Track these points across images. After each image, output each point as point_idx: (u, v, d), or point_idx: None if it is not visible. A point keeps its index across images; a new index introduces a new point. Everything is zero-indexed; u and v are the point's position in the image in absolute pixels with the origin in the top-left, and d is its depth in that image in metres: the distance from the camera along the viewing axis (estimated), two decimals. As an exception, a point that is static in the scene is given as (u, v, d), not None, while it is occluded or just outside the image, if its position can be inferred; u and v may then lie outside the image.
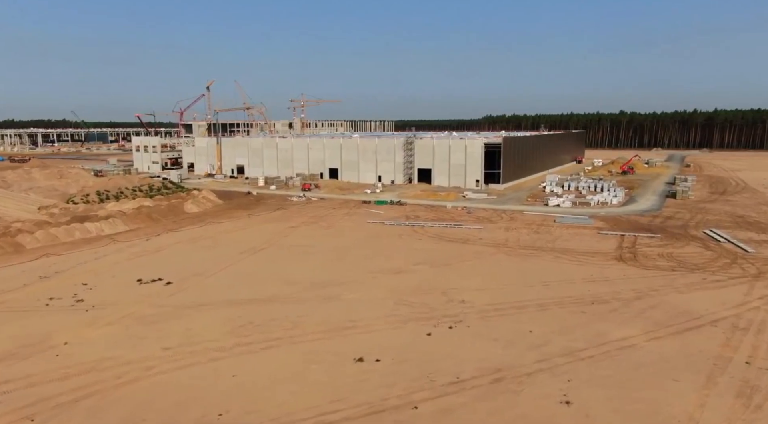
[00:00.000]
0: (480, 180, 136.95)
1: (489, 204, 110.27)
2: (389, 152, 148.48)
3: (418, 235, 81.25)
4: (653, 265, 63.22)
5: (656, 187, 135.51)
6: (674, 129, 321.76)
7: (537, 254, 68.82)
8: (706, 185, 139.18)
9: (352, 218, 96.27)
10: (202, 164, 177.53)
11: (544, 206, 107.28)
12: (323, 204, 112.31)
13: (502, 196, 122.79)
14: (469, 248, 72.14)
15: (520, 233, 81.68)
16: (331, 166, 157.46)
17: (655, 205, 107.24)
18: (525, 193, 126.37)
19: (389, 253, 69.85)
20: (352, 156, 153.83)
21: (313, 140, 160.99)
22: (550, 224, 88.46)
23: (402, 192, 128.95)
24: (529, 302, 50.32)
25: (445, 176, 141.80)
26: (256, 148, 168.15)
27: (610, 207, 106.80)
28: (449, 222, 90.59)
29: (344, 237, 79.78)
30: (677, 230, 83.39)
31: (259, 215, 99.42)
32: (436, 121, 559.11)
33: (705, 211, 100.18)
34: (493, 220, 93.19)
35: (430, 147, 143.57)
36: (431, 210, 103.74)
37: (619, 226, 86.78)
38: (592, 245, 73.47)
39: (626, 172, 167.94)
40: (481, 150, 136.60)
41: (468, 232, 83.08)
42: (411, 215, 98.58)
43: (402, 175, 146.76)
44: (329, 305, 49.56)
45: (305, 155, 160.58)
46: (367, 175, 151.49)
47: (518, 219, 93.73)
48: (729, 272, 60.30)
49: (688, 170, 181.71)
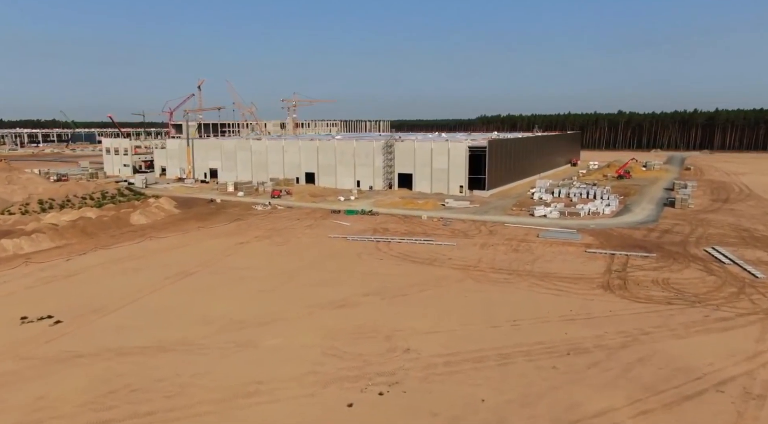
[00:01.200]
0: (464, 186, 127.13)
1: (469, 214, 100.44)
2: (368, 156, 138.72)
3: (381, 253, 71.44)
4: (646, 295, 53.40)
5: (653, 194, 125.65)
6: (674, 129, 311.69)
7: (511, 280, 58.99)
8: (707, 191, 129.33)
9: (314, 230, 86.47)
10: (173, 168, 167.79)
11: (530, 217, 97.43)
12: (288, 214, 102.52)
13: (486, 204, 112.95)
14: (434, 272, 62.33)
15: (497, 252, 71.86)
16: (308, 170, 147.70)
17: (651, 216, 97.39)
18: (511, 201, 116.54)
19: (340, 278, 60.05)
20: (329, 160, 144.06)
21: (288, 142, 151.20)
22: (532, 240, 78.66)
23: (378, 199, 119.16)
24: (491, 351, 40.51)
25: (426, 182, 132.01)
26: (229, 150, 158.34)
27: (601, 218, 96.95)
28: (420, 237, 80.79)
29: (295, 256, 69.98)
30: (675, 247, 73.57)
31: (211, 227, 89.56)
32: (434, 121, 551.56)
33: (706, 223, 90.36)
34: (470, 234, 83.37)
35: (411, 150, 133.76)
36: (404, 221, 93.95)
37: (609, 242, 76.95)
38: (577, 268, 63.66)
39: (622, 176, 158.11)
40: (464, 154, 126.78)
41: (438, 249, 73.28)
42: (380, 227, 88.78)
43: (382, 180, 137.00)
44: (238, 356, 39.75)
45: (280, 159, 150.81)
46: (345, 180, 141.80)
47: (498, 233, 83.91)
48: (736, 305, 50.49)
49: (688, 174, 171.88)
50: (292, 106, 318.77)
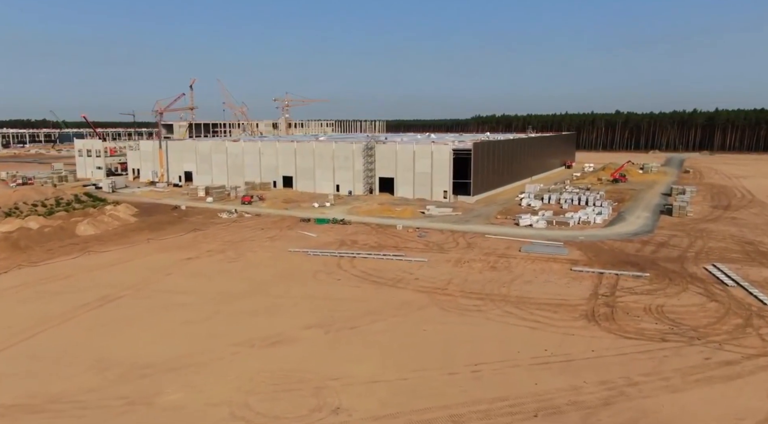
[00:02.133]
0: (448, 191, 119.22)
1: (449, 223, 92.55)
2: (348, 159, 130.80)
3: (341, 272, 63.56)
4: (636, 329, 45.55)
5: (650, 200, 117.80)
6: (673, 130, 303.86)
7: (482, 307, 51.12)
8: (707, 197, 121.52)
9: (275, 243, 78.56)
10: (147, 171, 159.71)
11: (514, 227, 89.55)
12: (254, 222, 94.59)
13: (470, 211, 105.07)
14: (396, 296, 54.47)
15: (471, 270, 63.98)
16: (285, 173, 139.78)
17: (646, 226, 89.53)
18: (497, 208, 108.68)
19: (285, 304, 52.18)
20: (307, 163, 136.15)
21: (265, 144, 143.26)
22: (513, 254, 70.78)
23: (355, 206, 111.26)
24: (440, 411, 32.68)
25: (409, 186, 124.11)
26: (204, 152, 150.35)
27: (592, 228, 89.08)
28: (390, 251, 72.88)
29: (243, 276, 62.08)
30: (671, 264, 65.71)
31: (163, 239, 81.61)
32: (432, 121, 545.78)
33: (707, 234, 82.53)
34: (446, 247, 75.50)
35: (393, 153, 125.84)
36: (377, 232, 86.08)
37: (598, 257, 69.08)
38: (559, 290, 55.81)
39: (617, 180, 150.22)
40: (448, 157, 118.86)
41: (407, 266, 65.40)
42: (349, 239, 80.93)
43: (362, 184, 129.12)
44: (121, 420, 31.85)
45: (257, 161, 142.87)
46: (324, 185, 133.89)
47: (477, 246, 76.03)
48: (742, 343, 42.66)
49: (687, 177, 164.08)
50: (285, 106, 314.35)
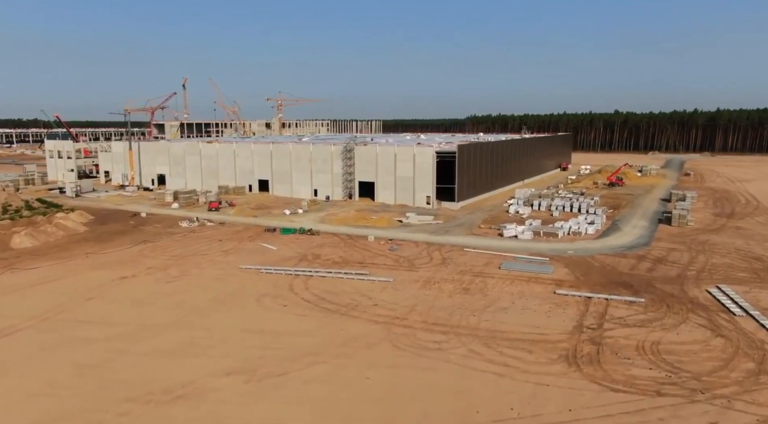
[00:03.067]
0: (431, 197, 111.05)
1: (427, 234, 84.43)
2: (326, 161, 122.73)
3: (292, 295, 55.46)
4: (625, 376, 37.42)
5: (648, 207, 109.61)
6: (673, 130, 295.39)
7: (444, 345, 43.02)
8: (709, 203, 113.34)
9: (229, 258, 70.44)
10: (119, 173, 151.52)
11: (498, 238, 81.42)
12: (214, 233, 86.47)
13: (452, 219, 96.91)
14: (346, 328, 46.38)
15: (441, 293, 55.88)
16: (261, 177, 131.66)
17: (642, 238, 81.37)
18: (482, 216, 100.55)
19: (210, 341, 44.07)
20: (283, 166, 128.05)
21: (240, 146, 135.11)
22: (492, 273, 62.67)
23: (330, 213, 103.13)
24: None
25: (390, 192, 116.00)
26: (177, 154, 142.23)
27: (583, 239, 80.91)
28: (353, 269, 64.79)
29: (175, 300, 53.94)
30: (670, 285, 57.59)
31: (104, 253, 73.43)
32: (430, 120, 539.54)
33: (709, 247, 74.39)
34: (418, 263, 67.37)
35: (373, 156, 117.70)
36: (346, 244, 77.99)
37: (587, 277, 60.95)
38: (539, 321, 47.72)
39: (614, 183, 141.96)
40: (432, 160, 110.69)
41: (368, 288, 57.31)
42: (312, 252, 72.84)
43: (341, 189, 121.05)
44: None
45: (231, 164, 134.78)
46: (301, 189, 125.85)
47: (453, 261, 67.89)
48: (756, 398, 34.55)
49: (688, 181, 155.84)
50: (279, 105, 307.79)
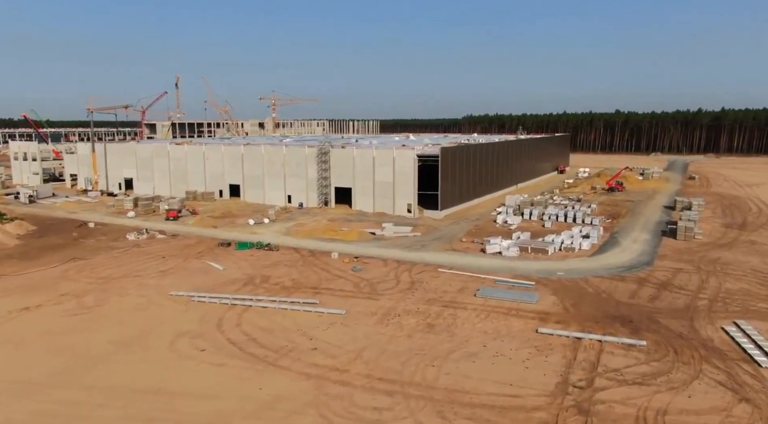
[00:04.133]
0: (412, 205, 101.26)
1: (400, 249, 74.65)
2: (300, 165, 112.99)
3: (217, 334, 45.69)
4: (621, 471, 27.62)
5: (650, 216, 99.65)
6: (676, 131, 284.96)
7: (386, 412, 33.16)
8: (717, 212, 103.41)
9: (163, 280, 60.69)
10: (83, 177, 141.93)
11: (480, 255, 71.58)
12: (161, 247, 76.75)
13: (432, 231, 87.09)
14: (267, 385, 36.60)
15: (400, 330, 46.09)
16: (232, 181, 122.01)
17: (644, 255, 71.47)
18: (467, 226, 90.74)
19: (76, 409, 34.31)
20: (255, 169, 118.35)
21: (210, 148, 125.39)
22: (465, 302, 52.87)
23: (298, 223, 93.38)
24: None
25: (368, 198, 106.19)
26: (145, 157, 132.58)
27: (576, 256, 71.03)
28: (302, 297, 55.03)
29: (69, 342, 44.14)
30: (677, 320, 47.74)
31: (22, 274, 63.61)
32: (429, 120, 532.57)
33: (721, 267, 64.52)
34: (381, 288, 57.60)
35: (350, 159, 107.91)
36: (305, 263, 68.24)
37: (578, 308, 51.12)
38: (513, 374, 37.88)
39: (613, 188, 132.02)
40: (413, 164, 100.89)
41: (313, 323, 47.57)
42: (263, 274, 63.12)
43: (316, 195, 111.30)
44: None
45: (201, 167, 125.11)
46: (274, 195, 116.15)
47: (423, 286, 58.10)
48: None
49: (693, 185, 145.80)
50: (272, 104, 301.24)
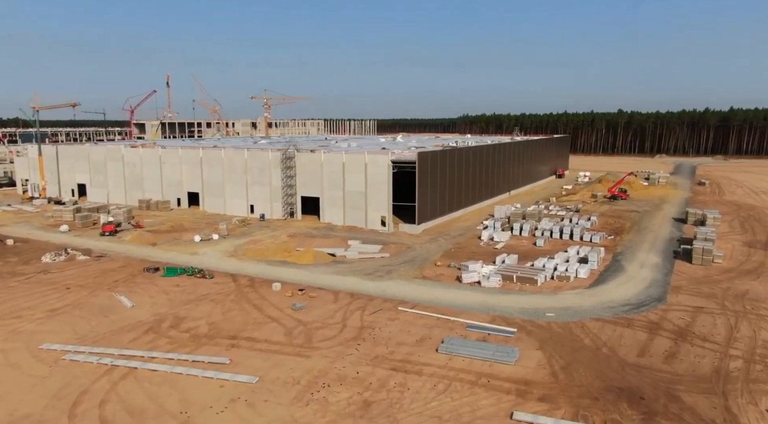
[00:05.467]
0: (387, 217, 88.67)
1: (360, 277, 61.98)
2: (263, 171, 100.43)
3: (67, 421, 33.13)
4: None
5: (658, 231, 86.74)
6: (682, 132, 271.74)
7: None
8: (735, 226, 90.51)
9: (47, 324, 48.05)
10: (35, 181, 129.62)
11: (454, 285, 58.82)
12: (74, 273, 64.11)
13: (405, 250, 74.38)
14: None
15: (323, 412, 33.33)
16: (191, 189, 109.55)
17: (654, 285, 58.58)
18: (446, 244, 78.06)
19: None
20: (215, 176, 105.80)
21: (167, 152, 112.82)
22: (423, 360, 40.13)
23: (253, 240, 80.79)
24: None
25: (338, 210, 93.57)
26: (98, 161, 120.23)
27: (571, 288, 58.15)
28: (211, 354, 42.44)
29: None
30: (704, 397, 34.94)
31: None
32: (428, 120, 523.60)
33: (752, 305, 51.66)
34: (319, 337, 44.94)
35: (318, 165, 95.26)
36: (238, 296, 55.62)
37: (571, 372, 38.30)
38: None
39: (616, 196, 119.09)
40: (387, 171, 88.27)
41: (210, 398, 34.92)
42: (179, 314, 50.54)
43: (281, 204, 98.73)
44: None
45: (157, 173, 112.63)
46: (236, 204, 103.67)
47: (374, 333, 45.43)
48: None
49: (703, 192, 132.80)
50: (264, 104, 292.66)
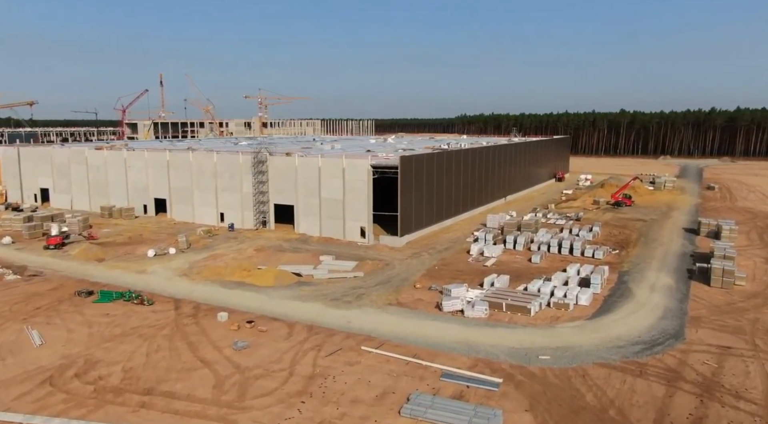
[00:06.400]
0: (367, 228, 79.86)
1: (324, 304, 53.13)
2: (234, 176, 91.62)
3: None
4: None
5: (668, 245, 77.74)
6: (687, 132, 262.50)
7: None
8: (753, 238, 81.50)
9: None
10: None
11: (433, 314, 49.85)
12: (7, 294, 55.44)
13: (383, 268, 65.45)
14: None
15: None
16: (158, 195, 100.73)
17: (669, 316, 49.57)
18: (430, 261, 69.15)
19: None
20: (183, 181, 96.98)
21: (132, 154, 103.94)
22: (378, 429, 31.32)
23: (213, 255, 71.94)
24: None
25: (314, 219, 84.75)
26: (61, 164, 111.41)
27: (570, 320, 49.17)
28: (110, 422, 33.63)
29: None
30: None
31: None
32: (427, 120, 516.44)
33: (787, 344, 42.78)
34: (255, 391, 36.12)
35: (292, 169, 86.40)
36: (176, 329, 46.83)
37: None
38: None
39: (620, 203, 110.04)
40: (367, 177, 79.42)
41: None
42: (94, 356, 41.78)
43: (252, 213, 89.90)
44: None
45: (123, 177, 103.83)
46: (205, 212, 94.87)
47: (324, 386, 36.60)
48: None
49: (713, 198, 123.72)
50: (260, 104, 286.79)
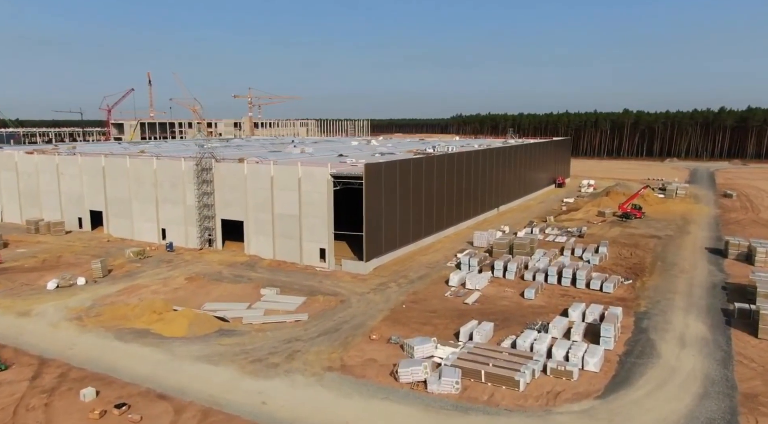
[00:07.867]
0: (327, 250, 65.85)
1: (240, 369, 39.15)
2: (175, 186, 77.66)
3: None
4: None
5: (693, 275, 63.52)
6: (695, 133, 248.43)
7: None
8: (793, 262, 67.39)
9: None
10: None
11: (387, 385, 35.80)
12: None
13: (337, 307, 51.44)
14: None
15: None
16: (93, 207, 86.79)
17: (713, 394, 35.38)
18: (398, 295, 55.07)
19: None
20: (121, 191, 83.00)
21: (65, 160, 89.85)
22: None
23: (134, 285, 57.92)
24: None
25: (267, 238, 70.82)
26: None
27: (574, 399, 35.07)
28: None
29: None
30: None
31: None
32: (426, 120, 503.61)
33: None
34: None
35: (241, 179, 72.38)
36: (17, 411, 32.83)
37: None
38: None
39: (629, 215, 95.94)
40: (326, 189, 65.35)
41: None
42: None
43: (197, 228, 75.90)
44: None
45: (55, 186, 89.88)
46: (145, 227, 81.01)
47: None
48: None
49: (733, 209, 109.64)
50: (248, 103, 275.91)
